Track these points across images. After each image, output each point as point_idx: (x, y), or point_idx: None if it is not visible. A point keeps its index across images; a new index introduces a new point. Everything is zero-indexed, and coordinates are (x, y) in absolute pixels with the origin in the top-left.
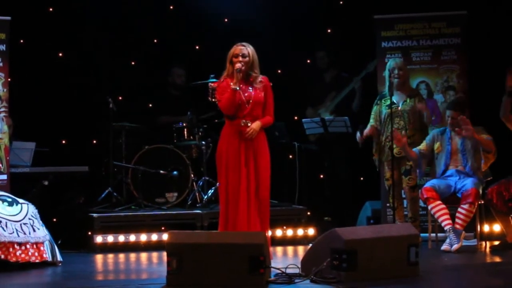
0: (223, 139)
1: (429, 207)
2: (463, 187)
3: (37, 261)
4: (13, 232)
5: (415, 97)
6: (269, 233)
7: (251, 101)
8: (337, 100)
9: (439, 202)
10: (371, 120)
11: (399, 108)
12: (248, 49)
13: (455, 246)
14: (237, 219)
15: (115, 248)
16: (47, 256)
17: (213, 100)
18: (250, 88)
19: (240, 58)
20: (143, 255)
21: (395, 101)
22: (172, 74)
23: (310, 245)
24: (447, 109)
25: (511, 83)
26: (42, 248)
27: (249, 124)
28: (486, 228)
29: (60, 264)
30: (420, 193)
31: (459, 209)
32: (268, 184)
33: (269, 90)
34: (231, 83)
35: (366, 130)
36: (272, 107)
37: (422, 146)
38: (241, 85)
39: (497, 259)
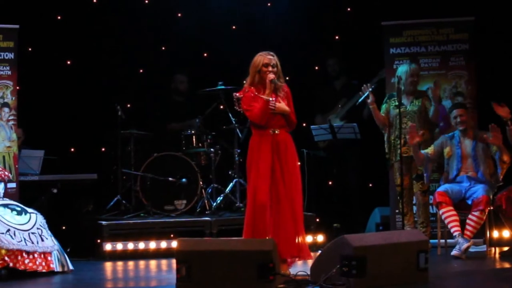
0: (253, 150)
1: (440, 212)
2: (474, 194)
3: (43, 270)
4: (21, 240)
5: (422, 97)
6: (306, 239)
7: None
8: (348, 106)
9: (451, 208)
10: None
11: (407, 109)
12: (275, 58)
13: (465, 245)
14: (264, 227)
15: (124, 255)
16: (54, 266)
17: (239, 110)
18: (276, 97)
19: (270, 68)
20: (152, 263)
21: (403, 103)
22: (175, 81)
23: (319, 251)
24: (451, 109)
25: (503, 113)
26: (49, 258)
27: (276, 132)
28: (495, 234)
29: (71, 272)
30: (433, 197)
31: (470, 216)
32: (300, 189)
33: (291, 98)
34: (259, 93)
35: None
36: (294, 113)
37: (430, 150)
38: (265, 94)
39: (507, 265)
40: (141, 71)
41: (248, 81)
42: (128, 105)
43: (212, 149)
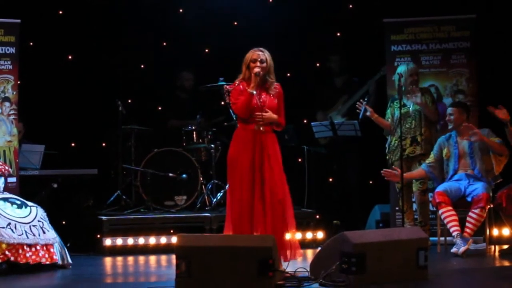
0: (236, 143)
1: (440, 212)
2: (474, 192)
3: (47, 262)
4: (22, 233)
5: (423, 94)
6: (296, 235)
7: (265, 106)
8: (350, 103)
9: (450, 208)
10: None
11: (410, 109)
12: (265, 54)
13: (462, 249)
14: (251, 223)
15: (124, 251)
16: (57, 258)
17: (227, 102)
18: (265, 94)
19: (258, 64)
20: (152, 258)
21: (406, 104)
22: (181, 78)
23: (319, 248)
24: (449, 107)
25: (502, 115)
26: (52, 250)
27: (261, 129)
28: (495, 232)
29: (70, 266)
30: (432, 197)
31: (470, 214)
32: (285, 186)
33: (282, 98)
34: (249, 87)
35: (376, 116)
36: (284, 114)
37: (431, 158)
38: (257, 90)
39: (506, 263)
40: (142, 66)
41: (239, 77)
42: (129, 101)
43: (212, 145)
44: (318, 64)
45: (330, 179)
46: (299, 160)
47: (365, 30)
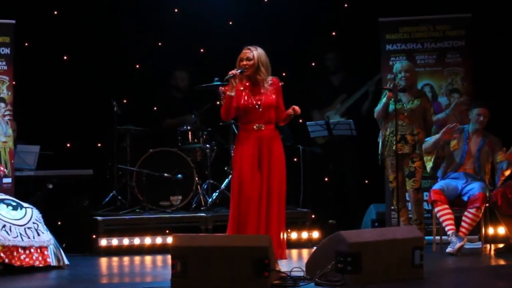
0: (238, 144)
1: (435, 210)
2: (470, 191)
3: (41, 265)
4: (17, 236)
5: (421, 97)
6: (285, 235)
7: (261, 104)
8: (349, 102)
9: (446, 206)
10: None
11: (406, 107)
12: (253, 52)
13: (457, 245)
14: (249, 223)
15: (120, 251)
16: (51, 260)
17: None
18: (260, 91)
19: (244, 62)
20: (148, 258)
21: (401, 100)
22: (175, 78)
23: (315, 248)
24: (476, 107)
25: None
26: (46, 252)
27: (262, 128)
28: (490, 230)
29: (67, 267)
30: (428, 195)
31: (466, 213)
32: (283, 187)
33: (280, 91)
34: (239, 87)
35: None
36: (283, 107)
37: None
38: (249, 89)
39: (502, 262)
40: (137, 66)
41: None
42: (124, 101)
43: (207, 145)
44: (313, 63)
45: (326, 179)
46: (295, 159)
47: (360, 29)
